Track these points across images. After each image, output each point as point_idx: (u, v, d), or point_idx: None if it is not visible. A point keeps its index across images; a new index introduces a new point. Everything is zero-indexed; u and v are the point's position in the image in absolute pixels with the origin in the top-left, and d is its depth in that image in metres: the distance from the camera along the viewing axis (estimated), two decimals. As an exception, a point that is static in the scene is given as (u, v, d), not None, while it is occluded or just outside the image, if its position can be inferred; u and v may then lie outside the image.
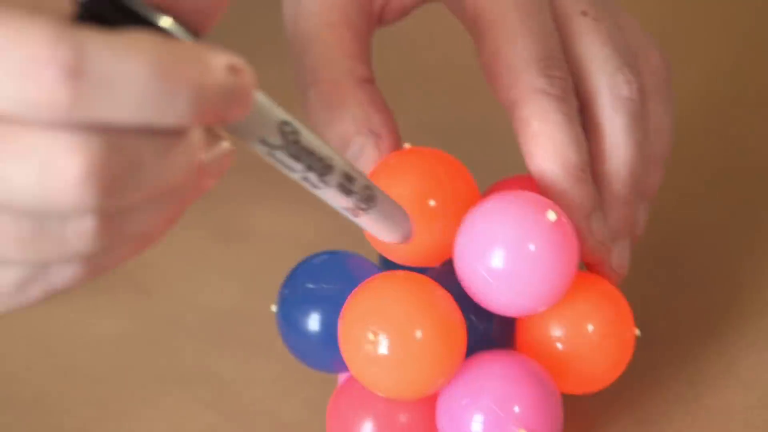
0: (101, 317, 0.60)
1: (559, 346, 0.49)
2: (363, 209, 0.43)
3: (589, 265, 0.52)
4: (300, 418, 0.55)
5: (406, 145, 0.51)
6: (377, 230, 0.44)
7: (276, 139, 0.37)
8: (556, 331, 0.49)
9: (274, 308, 0.51)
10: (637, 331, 0.50)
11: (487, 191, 0.52)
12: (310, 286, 0.50)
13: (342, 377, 0.51)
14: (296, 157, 0.38)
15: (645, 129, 0.53)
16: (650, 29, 0.57)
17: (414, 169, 0.49)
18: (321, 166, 0.39)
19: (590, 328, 0.49)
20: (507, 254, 0.47)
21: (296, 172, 0.39)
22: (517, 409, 0.47)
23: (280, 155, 0.38)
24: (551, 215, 0.47)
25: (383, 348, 0.46)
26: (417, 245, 0.48)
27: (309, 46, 0.52)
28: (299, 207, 0.64)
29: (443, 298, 0.47)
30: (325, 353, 0.50)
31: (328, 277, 0.50)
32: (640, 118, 0.52)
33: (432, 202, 0.49)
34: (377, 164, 0.50)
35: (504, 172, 0.53)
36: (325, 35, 0.52)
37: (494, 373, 0.47)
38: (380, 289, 0.47)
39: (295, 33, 0.53)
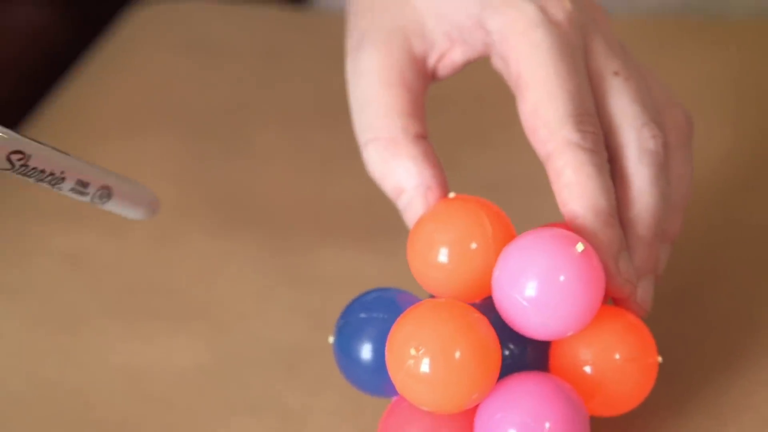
0: (181, 351, 0.61)
1: (587, 369, 0.49)
2: (100, 203, 0.49)
3: (616, 300, 0.51)
4: None
5: (452, 194, 0.51)
6: (121, 213, 0.50)
7: (5, 164, 0.44)
8: (586, 356, 0.49)
9: (331, 339, 0.51)
10: (660, 359, 0.50)
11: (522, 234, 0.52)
12: (363, 316, 0.50)
13: (392, 401, 0.51)
14: (26, 174, 0.45)
15: (668, 179, 0.53)
16: (677, 87, 0.57)
17: (457, 215, 0.49)
18: (52, 179, 0.46)
19: (617, 355, 0.49)
20: (539, 283, 0.47)
21: (30, 179, 0.46)
22: (548, 425, 0.47)
23: (13, 173, 0.45)
24: (579, 247, 0.47)
25: (425, 366, 0.46)
26: (459, 282, 0.49)
27: (368, 103, 0.52)
28: (360, 251, 0.64)
29: (480, 321, 0.47)
30: (376, 378, 0.50)
31: (378, 309, 0.50)
32: (663, 169, 0.52)
33: (473, 245, 0.49)
34: (426, 212, 0.51)
35: (541, 221, 0.53)
36: (383, 94, 0.52)
37: (528, 390, 0.47)
38: (423, 313, 0.47)
39: (355, 91, 0.53)
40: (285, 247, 0.65)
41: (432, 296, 0.51)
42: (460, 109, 0.70)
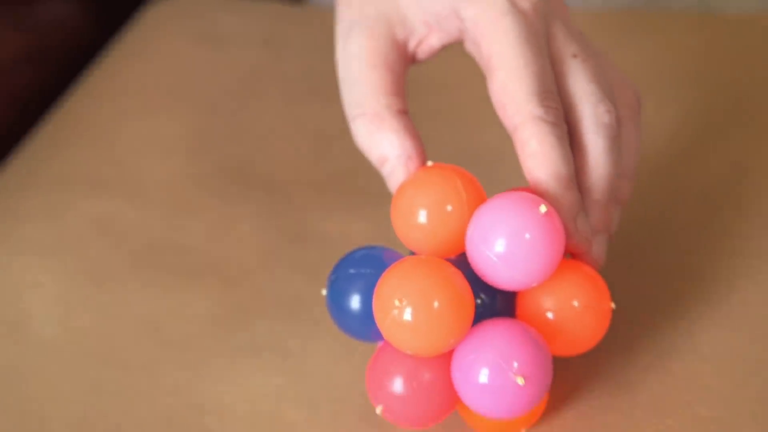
0: (194, 302, 0.60)
1: (550, 315, 0.49)
2: None
3: (574, 255, 0.51)
4: (348, 379, 0.55)
5: (429, 163, 0.50)
6: None
7: None
8: (548, 304, 0.49)
9: (323, 292, 0.51)
10: (613, 305, 0.49)
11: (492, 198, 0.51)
12: (352, 272, 0.50)
13: (379, 345, 0.51)
14: None
15: (619, 149, 0.52)
16: (628, 70, 0.57)
17: (435, 181, 0.49)
18: None
19: (575, 303, 0.49)
20: (507, 241, 0.47)
21: None
22: (516, 364, 0.46)
23: None
24: (543, 209, 0.47)
25: (407, 315, 0.46)
26: (437, 241, 0.48)
27: (356, 83, 0.52)
28: (349, 214, 0.64)
29: (455, 275, 0.47)
30: (364, 326, 0.50)
31: (366, 265, 0.50)
32: (616, 140, 0.52)
33: (449, 207, 0.48)
34: (407, 178, 0.50)
35: (507, 186, 0.52)
36: (369, 74, 0.52)
37: (498, 334, 0.47)
38: (405, 268, 0.47)
39: (345, 72, 0.53)
40: (285, 211, 0.65)
41: (413, 253, 0.51)
42: (436, 90, 0.70)
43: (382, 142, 0.51)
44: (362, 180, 0.65)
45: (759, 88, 0.68)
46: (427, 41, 0.53)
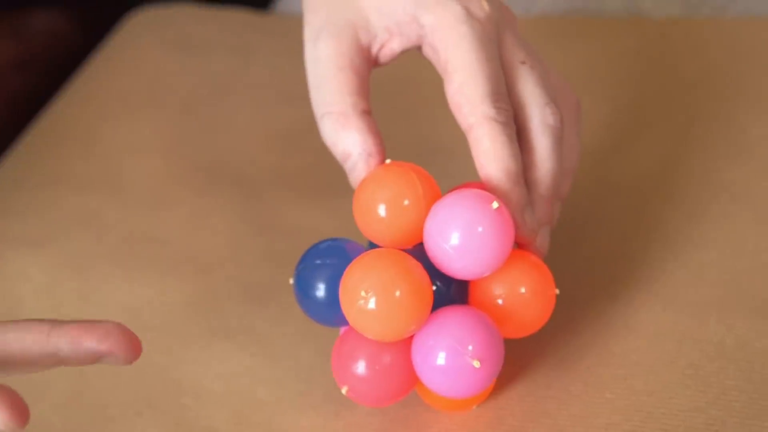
0: (171, 290, 0.58)
1: (500, 302, 0.47)
2: None
3: (521, 245, 0.50)
4: (314, 361, 0.53)
5: (388, 161, 0.49)
6: None
7: None
8: (499, 291, 0.47)
9: (291, 281, 0.49)
10: (557, 290, 0.48)
11: (447, 193, 0.50)
12: (318, 262, 0.48)
13: (342, 330, 0.49)
14: None
15: (562, 149, 0.51)
16: (564, 72, 0.56)
17: (393, 177, 0.47)
18: None
19: (523, 289, 0.48)
20: (462, 234, 0.45)
21: None
22: (470, 347, 0.45)
23: None
24: (494, 205, 0.46)
25: (371, 304, 0.44)
26: (395, 232, 0.47)
27: (324, 84, 0.50)
28: (315, 208, 0.62)
29: (415, 266, 0.46)
30: (328, 312, 0.48)
31: (330, 256, 0.48)
32: (560, 140, 0.50)
33: (406, 202, 0.47)
34: (367, 175, 0.49)
35: (460, 180, 0.51)
36: (335, 76, 0.50)
37: (453, 321, 0.46)
38: (369, 261, 0.45)
39: (313, 73, 0.51)
40: (255, 205, 0.63)
41: (373, 244, 0.49)
42: (395, 92, 0.69)
43: (347, 140, 0.49)
44: (326, 176, 0.63)
45: (684, 86, 0.67)
46: (388, 45, 0.51)
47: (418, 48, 0.51)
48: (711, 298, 0.53)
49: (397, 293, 0.44)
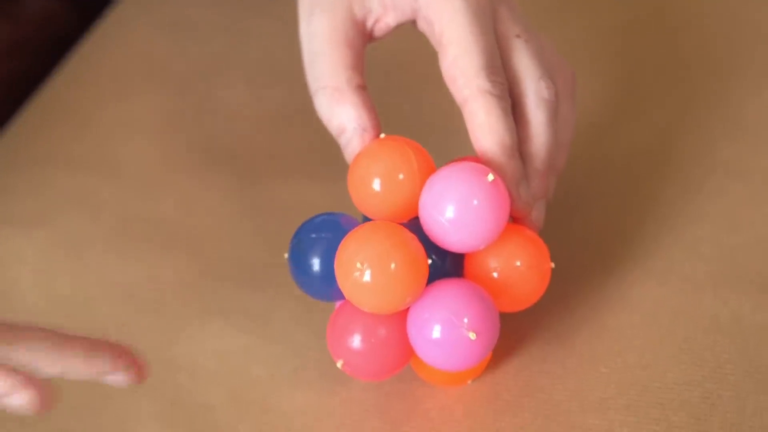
0: (166, 269, 0.58)
1: (495, 275, 0.48)
2: None
3: (516, 219, 0.50)
4: (309, 339, 0.53)
5: (382, 135, 0.49)
6: None
7: None
8: (494, 264, 0.48)
9: (286, 255, 0.49)
10: (552, 264, 0.49)
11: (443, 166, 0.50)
12: (313, 236, 0.48)
13: (338, 305, 0.49)
14: None
15: (557, 122, 0.51)
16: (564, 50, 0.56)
17: (388, 151, 0.47)
18: None
19: (518, 263, 0.48)
20: (457, 207, 0.45)
21: None
22: (466, 320, 0.45)
23: None
24: (490, 177, 0.46)
25: (367, 276, 0.45)
26: (390, 207, 0.47)
27: (318, 59, 0.50)
28: (309, 185, 0.62)
29: (411, 239, 0.46)
30: (323, 286, 0.48)
31: (325, 230, 0.48)
32: (555, 114, 0.50)
33: (401, 176, 0.47)
34: (362, 149, 0.49)
35: (455, 154, 0.51)
36: (330, 51, 0.50)
37: (449, 293, 0.46)
38: (364, 233, 0.45)
39: (308, 49, 0.51)
40: (249, 184, 0.63)
41: (368, 218, 0.49)
42: (390, 67, 0.68)
43: (341, 114, 0.49)
44: (320, 156, 0.63)
45: (680, 61, 0.67)
46: (383, 20, 0.51)
47: (413, 22, 0.51)
48: (705, 272, 0.53)
49: (393, 265, 0.44)
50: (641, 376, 0.49)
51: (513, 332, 0.52)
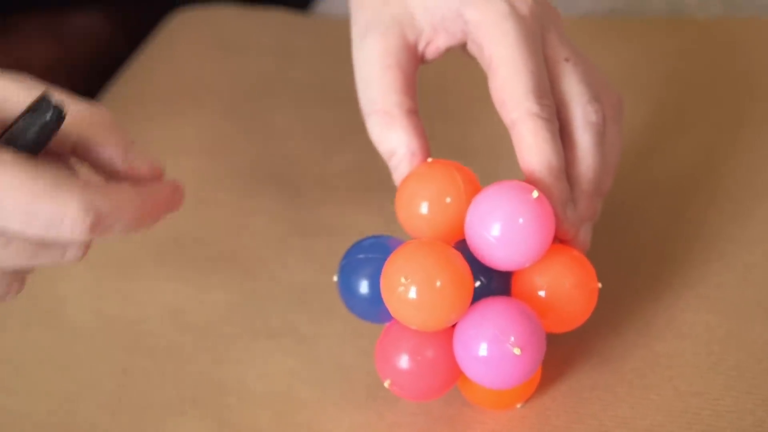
0: (214, 289, 0.60)
1: (542, 294, 0.49)
2: None
3: (563, 241, 0.51)
4: (357, 361, 0.55)
5: (430, 159, 0.51)
6: None
7: None
8: (541, 283, 0.49)
9: (335, 278, 0.51)
10: (600, 284, 0.49)
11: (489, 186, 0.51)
12: (361, 257, 0.50)
13: (385, 327, 0.51)
14: None
15: (604, 146, 0.53)
16: (607, 71, 0.57)
17: (435, 175, 0.49)
18: None
19: (565, 282, 0.49)
20: (503, 224, 0.47)
21: None
22: (512, 338, 0.46)
23: None
24: (534, 194, 0.47)
25: (412, 293, 0.46)
26: (437, 230, 0.49)
27: (371, 82, 0.52)
28: (357, 207, 0.64)
29: (456, 256, 0.47)
30: (372, 308, 0.50)
31: (373, 251, 0.50)
32: (602, 137, 0.52)
33: (448, 199, 0.48)
34: (410, 172, 0.50)
35: (502, 178, 0.51)
36: (382, 75, 0.52)
37: (495, 311, 0.47)
38: (410, 250, 0.47)
39: (360, 72, 0.52)
40: (296, 205, 0.65)
41: (415, 241, 0.51)
42: (439, 91, 0.70)
43: (392, 139, 0.51)
44: (367, 177, 0.65)
45: (726, 86, 0.68)
46: (434, 42, 0.53)
47: (463, 45, 0.53)
48: (756, 299, 0.54)
49: (438, 282, 0.46)
50: (692, 403, 0.50)
51: (561, 356, 0.53)
